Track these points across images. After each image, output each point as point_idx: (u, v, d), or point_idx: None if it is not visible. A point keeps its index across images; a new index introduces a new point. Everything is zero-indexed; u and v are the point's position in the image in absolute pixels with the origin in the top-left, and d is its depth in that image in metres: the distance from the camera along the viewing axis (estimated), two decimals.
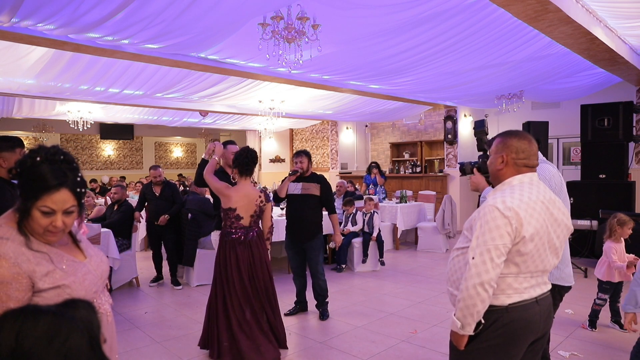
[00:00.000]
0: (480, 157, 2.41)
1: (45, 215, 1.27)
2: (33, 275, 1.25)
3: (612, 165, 6.48)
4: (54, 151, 1.30)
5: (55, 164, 1.28)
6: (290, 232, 4.43)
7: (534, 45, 5.02)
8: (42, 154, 1.27)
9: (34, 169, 1.26)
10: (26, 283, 1.24)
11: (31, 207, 1.26)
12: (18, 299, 1.22)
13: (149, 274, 6.01)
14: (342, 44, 4.69)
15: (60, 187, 1.27)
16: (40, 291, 1.26)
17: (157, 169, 5.80)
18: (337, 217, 4.49)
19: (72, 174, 1.30)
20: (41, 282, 1.26)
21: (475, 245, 1.66)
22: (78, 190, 1.31)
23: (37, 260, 1.27)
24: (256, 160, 3.61)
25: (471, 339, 1.71)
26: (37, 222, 1.27)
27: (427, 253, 7.59)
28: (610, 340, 3.77)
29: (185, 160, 17.04)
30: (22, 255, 1.25)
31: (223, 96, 7.55)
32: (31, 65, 5.40)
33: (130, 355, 3.57)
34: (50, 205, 1.26)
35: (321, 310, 4.44)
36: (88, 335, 0.85)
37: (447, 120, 9.87)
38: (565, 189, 2.51)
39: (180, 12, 3.56)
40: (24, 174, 1.27)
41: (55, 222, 1.28)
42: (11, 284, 1.21)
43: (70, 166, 1.31)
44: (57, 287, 1.28)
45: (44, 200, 1.25)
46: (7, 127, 11.99)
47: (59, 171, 1.28)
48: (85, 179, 1.36)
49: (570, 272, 2.48)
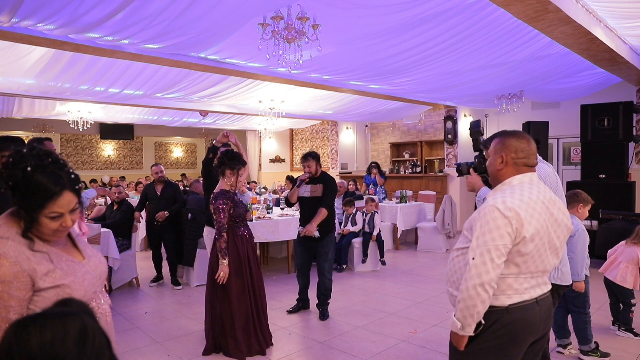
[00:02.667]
0: (477, 158, 2.42)
1: (54, 220, 1.29)
2: (33, 274, 1.26)
3: (612, 165, 6.48)
4: (39, 155, 1.26)
5: (47, 168, 1.26)
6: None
7: (534, 45, 5.01)
8: (31, 162, 1.23)
9: (28, 179, 1.23)
10: (27, 282, 1.24)
11: (38, 216, 1.27)
12: (19, 298, 1.23)
13: (149, 274, 6.01)
14: (342, 44, 4.69)
15: (62, 192, 1.27)
16: (40, 290, 1.27)
17: (159, 165, 5.83)
18: (325, 212, 4.28)
19: (66, 174, 1.30)
20: (41, 281, 1.27)
21: (476, 245, 1.66)
22: (76, 187, 1.32)
23: (37, 259, 1.28)
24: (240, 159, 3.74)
25: (471, 340, 1.70)
26: (47, 227, 1.29)
27: (427, 253, 7.59)
28: (608, 339, 3.76)
29: (185, 160, 17.03)
30: (23, 255, 1.26)
31: (223, 96, 7.55)
32: (31, 65, 5.40)
33: (130, 355, 3.57)
34: (58, 210, 1.28)
35: (321, 310, 4.44)
36: (104, 332, 0.85)
37: (447, 120, 9.87)
38: (561, 188, 2.52)
39: (180, 12, 3.55)
40: (19, 187, 1.24)
41: (65, 223, 1.31)
42: (12, 283, 1.22)
43: (60, 166, 1.29)
44: (57, 287, 1.29)
45: (50, 207, 1.27)
46: (7, 127, 11.99)
47: (55, 175, 1.26)
48: (77, 173, 1.35)
49: (568, 271, 2.50)
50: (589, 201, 3.46)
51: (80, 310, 0.87)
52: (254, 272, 3.60)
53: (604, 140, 6.52)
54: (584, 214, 3.47)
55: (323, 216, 4.26)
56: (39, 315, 0.84)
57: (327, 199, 4.34)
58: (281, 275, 6.18)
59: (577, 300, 3.40)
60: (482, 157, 2.45)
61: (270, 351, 3.63)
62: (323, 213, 4.26)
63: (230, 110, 9.38)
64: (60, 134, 13.75)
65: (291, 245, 6.33)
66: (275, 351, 3.63)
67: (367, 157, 12.18)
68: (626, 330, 3.87)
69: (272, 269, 6.59)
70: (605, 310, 4.45)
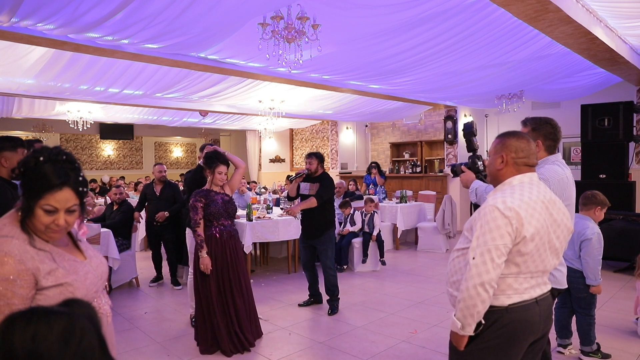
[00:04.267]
0: (470, 158, 2.52)
1: (48, 214, 1.29)
2: (37, 273, 1.27)
3: (612, 165, 6.48)
4: (57, 151, 1.32)
5: (58, 163, 1.30)
6: (302, 228, 4.77)
7: (534, 45, 5.01)
8: (45, 154, 1.30)
9: (37, 168, 1.28)
10: (30, 280, 1.26)
11: (34, 205, 1.28)
12: (22, 296, 1.24)
13: (149, 274, 6.01)
14: (342, 44, 4.69)
15: (62, 186, 1.29)
16: (43, 289, 1.28)
17: (162, 165, 5.85)
18: (314, 201, 4.45)
19: (74, 173, 1.33)
20: (44, 279, 1.28)
21: (476, 245, 1.66)
22: (80, 189, 1.33)
23: (40, 258, 1.30)
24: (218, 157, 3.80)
25: (471, 340, 1.70)
26: (40, 220, 1.29)
27: (427, 253, 7.59)
28: (608, 339, 3.76)
29: (185, 160, 17.03)
30: (27, 253, 1.27)
31: (223, 96, 7.55)
32: (31, 65, 5.40)
33: (130, 355, 3.57)
34: (53, 204, 1.29)
35: (330, 305, 4.59)
36: (97, 334, 0.85)
37: (447, 120, 9.87)
38: (568, 193, 2.34)
39: (180, 12, 3.55)
40: (27, 173, 1.30)
41: (58, 221, 1.31)
42: (16, 281, 1.23)
43: (72, 166, 1.33)
44: (60, 285, 1.31)
45: (47, 199, 1.28)
46: (7, 127, 11.99)
47: (62, 170, 1.30)
48: (87, 179, 1.39)
49: (563, 276, 2.42)
50: (606, 204, 3.41)
51: (76, 311, 0.86)
52: (227, 271, 3.66)
53: (604, 140, 6.52)
54: (600, 217, 3.42)
55: (310, 204, 4.47)
56: (27, 310, 0.84)
57: (320, 192, 4.52)
58: (281, 275, 6.18)
59: (583, 301, 3.37)
60: (475, 157, 2.53)
61: (270, 351, 3.63)
62: (312, 201, 4.47)
63: (230, 110, 9.38)
64: (60, 134, 13.75)
65: (291, 245, 6.33)
66: (275, 351, 3.63)
67: (367, 157, 12.18)
68: None
69: (272, 269, 6.59)
70: (606, 310, 4.45)
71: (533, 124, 2.44)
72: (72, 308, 0.89)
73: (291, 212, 4.63)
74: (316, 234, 4.57)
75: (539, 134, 2.40)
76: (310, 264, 4.75)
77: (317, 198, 4.46)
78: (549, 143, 2.41)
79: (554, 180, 2.26)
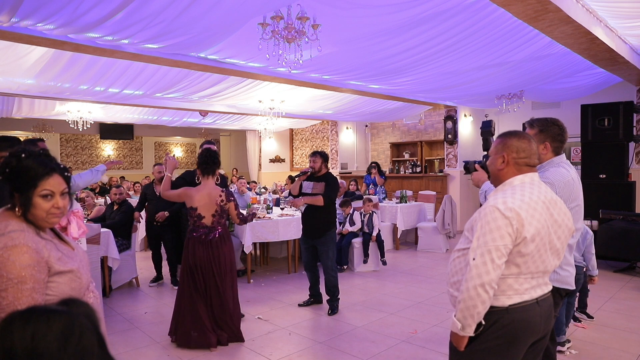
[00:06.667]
0: (485, 157, 2.48)
1: (47, 199, 1.40)
2: (49, 260, 1.38)
3: (612, 165, 6.48)
4: (32, 148, 1.46)
5: (39, 156, 1.43)
6: (303, 228, 4.75)
7: (534, 45, 5.01)
8: (24, 152, 1.41)
9: (21, 165, 1.39)
10: (45, 267, 1.37)
11: (32, 195, 1.38)
12: (42, 280, 1.35)
13: (149, 274, 6.01)
14: (342, 44, 4.69)
15: (52, 172, 1.42)
16: (55, 274, 1.39)
17: (161, 165, 5.84)
18: (321, 199, 4.45)
19: (55, 161, 1.46)
20: (57, 265, 1.40)
21: (476, 245, 1.66)
22: (65, 174, 1.47)
23: (49, 247, 1.42)
24: (216, 160, 3.86)
25: (471, 340, 1.70)
26: (41, 207, 1.40)
27: (427, 253, 7.59)
28: (608, 339, 3.76)
29: (185, 160, 17.03)
30: (39, 243, 1.38)
31: (223, 96, 7.54)
32: (31, 65, 5.39)
33: (130, 355, 3.56)
34: (49, 188, 1.40)
35: (330, 305, 4.58)
36: (96, 333, 0.84)
37: (447, 120, 9.86)
38: (575, 194, 2.29)
39: (180, 12, 3.55)
40: (13, 172, 1.39)
41: (57, 204, 1.42)
42: (36, 267, 1.34)
43: (50, 156, 1.47)
44: (70, 272, 1.42)
45: (42, 185, 1.39)
46: (6, 127, 11.98)
47: (45, 161, 1.43)
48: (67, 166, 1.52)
49: (568, 275, 2.41)
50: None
51: (74, 310, 0.86)
52: (207, 273, 3.71)
53: (604, 140, 6.52)
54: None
55: (316, 201, 4.47)
56: (27, 310, 0.85)
57: (327, 192, 4.51)
58: (281, 275, 6.18)
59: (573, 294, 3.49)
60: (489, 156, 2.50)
61: (270, 351, 3.62)
62: (318, 199, 4.47)
63: (230, 110, 9.38)
64: (60, 133, 13.75)
65: (291, 245, 6.33)
66: (275, 351, 3.63)
67: (367, 157, 12.18)
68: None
69: (272, 269, 6.59)
70: (607, 310, 4.45)
71: (540, 125, 2.39)
72: (70, 307, 0.89)
73: (294, 204, 4.67)
74: (317, 233, 4.56)
75: (547, 135, 2.35)
76: (312, 264, 4.75)
77: (324, 198, 4.45)
78: (556, 145, 2.36)
79: (560, 184, 2.22)
